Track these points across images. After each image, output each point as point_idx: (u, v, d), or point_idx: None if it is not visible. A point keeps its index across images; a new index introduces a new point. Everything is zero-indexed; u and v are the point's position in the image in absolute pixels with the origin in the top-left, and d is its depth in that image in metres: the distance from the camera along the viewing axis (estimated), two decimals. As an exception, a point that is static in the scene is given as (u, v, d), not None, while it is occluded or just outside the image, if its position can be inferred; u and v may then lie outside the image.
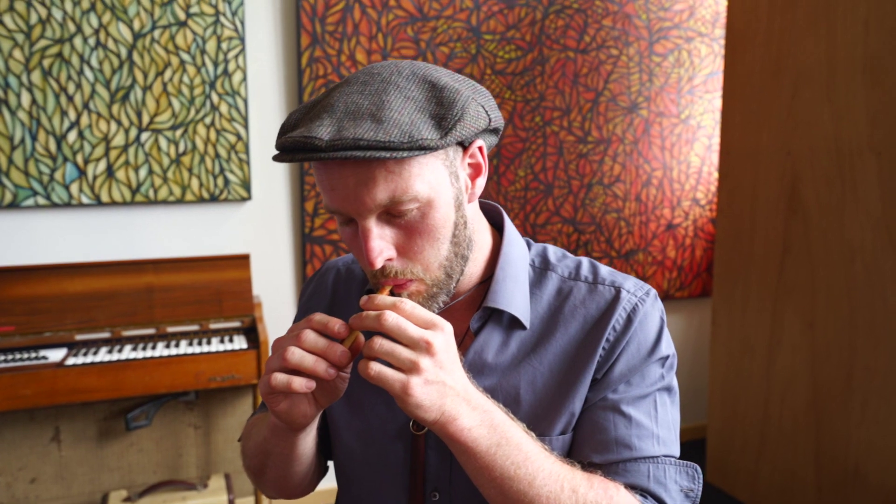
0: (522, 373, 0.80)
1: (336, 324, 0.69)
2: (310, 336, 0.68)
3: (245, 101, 2.38)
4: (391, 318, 0.65)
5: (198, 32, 2.30)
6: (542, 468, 0.70)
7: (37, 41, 2.15)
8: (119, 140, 2.27)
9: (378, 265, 0.70)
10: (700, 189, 3.11)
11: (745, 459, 2.66)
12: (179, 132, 2.32)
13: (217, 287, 2.25)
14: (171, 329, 2.17)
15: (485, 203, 0.89)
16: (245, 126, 2.38)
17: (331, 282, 0.95)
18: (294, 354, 0.67)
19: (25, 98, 2.16)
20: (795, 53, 2.35)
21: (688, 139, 3.06)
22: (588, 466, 0.76)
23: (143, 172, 2.30)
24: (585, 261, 0.87)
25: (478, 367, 0.80)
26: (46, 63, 2.17)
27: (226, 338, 2.15)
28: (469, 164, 0.76)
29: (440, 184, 0.71)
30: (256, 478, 0.87)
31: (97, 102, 2.23)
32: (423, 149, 0.65)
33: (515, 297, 0.81)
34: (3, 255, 2.19)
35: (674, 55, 2.97)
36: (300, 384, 0.67)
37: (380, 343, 0.65)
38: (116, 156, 2.27)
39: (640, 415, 0.78)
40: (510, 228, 0.86)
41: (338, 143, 0.64)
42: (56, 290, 2.11)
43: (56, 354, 2.00)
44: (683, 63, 3.00)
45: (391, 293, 0.73)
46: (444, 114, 0.68)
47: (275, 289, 2.50)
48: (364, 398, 0.85)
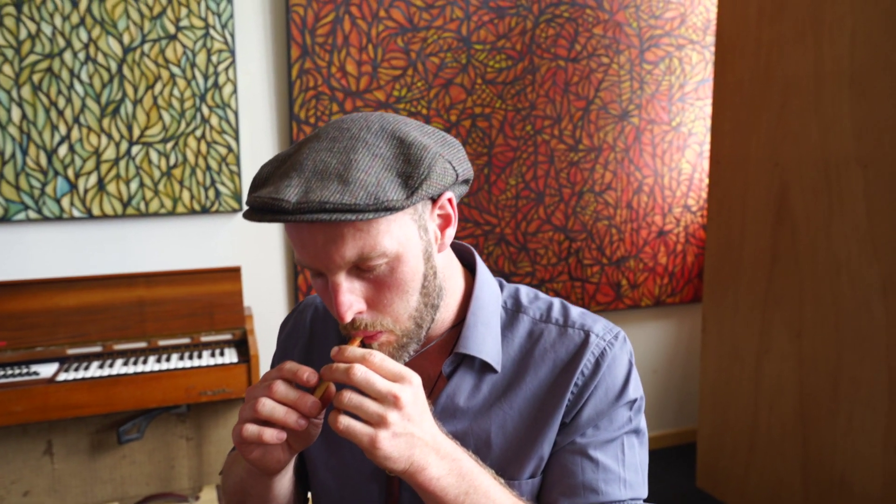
0: (493, 417, 0.81)
1: (305, 373, 0.70)
2: (281, 387, 0.70)
3: (236, 114, 2.38)
4: (360, 373, 0.66)
5: (188, 46, 2.30)
6: None
7: (26, 56, 2.16)
8: (110, 153, 2.28)
9: (348, 319, 0.72)
10: (691, 196, 3.12)
11: (735, 465, 2.68)
12: (170, 145, 2.33)
13: (208, 300, 2.27)
14: (163, 342, 2.19)
15: (457, 244, 0.90)
16: (236, 138, 2.39)
17: (309, 319, 0.96)
18: (265, 406, 0.69)
19: (16, 113, 2.17)
20: (784, 64, 2.36)
21: (679, 146, 3.07)
22: (557, 510, 0.78)
23: (135, 185, 2.31)
24: (557, 302, 0.88)
25: (450, 411, 0.82)
26: (36, 78, 2.17)
27: (217, 351, 2.17)
28: (439, 216, 0.77)
29: (408, 238, 0.72)
30: (234, 516, 0.89)
31: (87, 116, 2.24)
32: (389, 210, 0.67)
33: (487, 342, 0.82)
34: (-5, 269, 2.20)
35: (665, 63, 2.98)
36: (271, 436, 0.68)
37: (348, 397, 0.67)
38: (107, 169, 2.28)
39: (608, 459, 0.79)
40: (482, 270, 0.87)
41: (304, 206, 0.65)
42: (48, 305, 2.12)
43: (48, 370, 2.01)
44: (675, 70, 3.01)
45: (362, 343, 0.75)
46: (411, 172, 0.69)
47: (266, 300, 2.51)
48: (340, 438, 0.86)
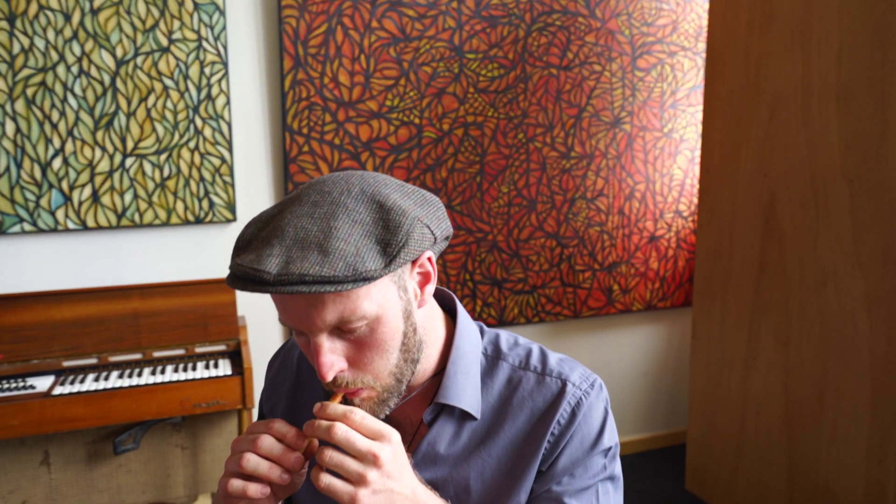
0: (472, 464, 0.84)
1: (292, 434, 0.73)
2: (265, 442, 0.72)
3: (229, 125, 2.40)
4: (340, 432, 0.69)
5: (180, 58, 2.32)
6: None
7: (20, 70, 2.17)
8: (104, 166, 2.29)
9: (329, 378, 0.74)
10: (683, 201, 3.15)
11: (722, 469, 2.72)
12: (164, 157, 2.35)
13: (202, 311, 2.29)
14: (158, 354, 2.21)
15: (437, 290, 0.92)
16: (229, 149, 2.41)
17: (295, 360, 0.99)
18: (249, 462, 0.71)
19: (10, 127, 2.18)
20: (772, 77, 2.38)
21: (671, 152, 3.09)
22: (532, 556, 0.81)
23: (129, 197, 2.33)
24: (536, 349, 0.90)
25: (431, 458, 0.84)
26: (30, 92, 2.19)
27: (211, 362, 2.19)
28: (419, 273, 0.79)
29: (388, 300, 0.75)
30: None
31: (81, 129, 2.25)
32: (367, 280, 0.69)
33: (466, 391, 0.85)
34: (-9, 281, 2.23)
35: (657, 70, 2.99)
36: (255, 490, 0.71)
37: (329, 455, 0.69)
38: (101, 181, 2.30)
39: (582, 507, 0.82)
40: (463, 318, 0.89)
41: (285, 279, 0.67)
42: (43, 318, 2.14)
43: (43, 383, 2.04)
44: (666, 77, 3.02)
45: (344, 399, 0.77)
46: (390, 239, 0.71)
47: (260, 310, 2.54)
48: None
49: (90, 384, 2.02)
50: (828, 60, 2.17)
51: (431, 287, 0.81)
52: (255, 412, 2.45)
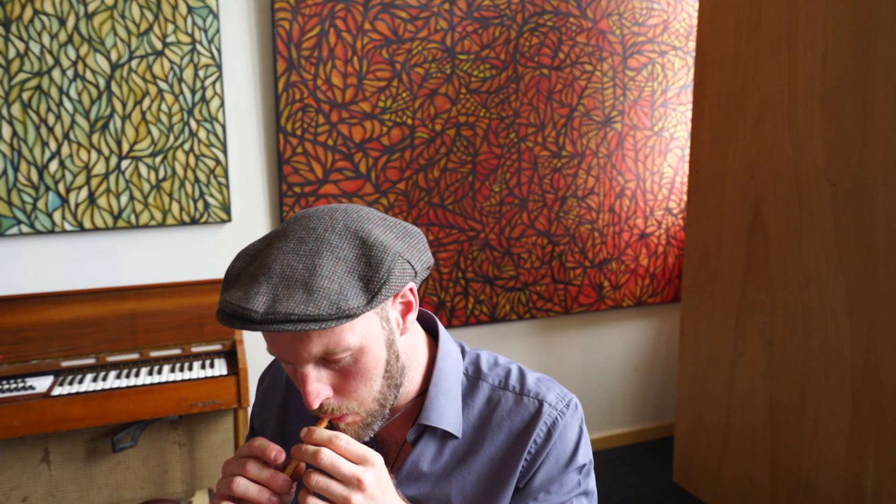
0: (454, 481, 0.89)
1: (273, 452, 0.77)
2: (254, 466, 0.77)
3: (223, 127, 2.43)
4: (326, 457, 0.74)
5: (175, 61, 2.34)
6: None
7: (16, 75, 2.19)
8: (100, 168, 2.32)
9: (315, 406, 0.78)
10: (673, 199, 3.19)
11: (709, 463, 2.79)
12: (159, 159, 2.38)
13: (198, 311, 2.33)
14: (155, 354, 2.26)
15: (420, 312, 0.96)
16: (224, 151, 2.44)
17: (285, 377, 1.03)
18: (239, 486, 0.76)
19: (6, 130, 2.21)
20: (759, 80, 2.41)
21: (661, 150, 3.13)
22: (509, 568, 0.86)
23: (125, 199, 2.36)
24: (515, 369, 0.95)
25: (414, 476, 0.89)
26: (26, 96, 2.21)
27: (207, 362, 2.24)
28: (401, 303, 0.83)
29: (371, 331, 0.79)
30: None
31: (77, 132, 2.28)
32: (350, 317, 0.73)
33: (447, 412, 0.89)
34: (-10, 283, 2.26)
35: (647, 69, 3.02)
36: None
37: (316, 479, 0.74)
38: (97, 183, 2.33)
39: (558, 521, 0.87)
40: (444, 340, 0.93)
41: (271, 318, 0.71)
42: (42, 319, 2.18)
43: (43, 383, 2.08)
44: (657, 76, 3.05)
45: (330, 424, 0.82)
46: (372, 276, 0.75)
47: (255, 307, 2.58)
48: None
49: (88, 384, 2.07)
50: (813, 66, 2.21)
51: (413, 315, 0.85)
52: (249, 419, 2.50)
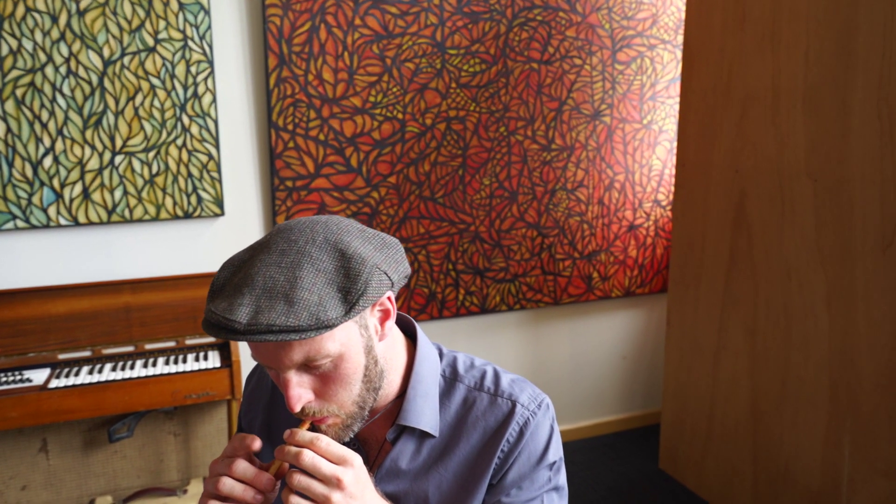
0: (431, 478, 0.94)
1: (255, 442, 0.82)
2: (240, 466, 0.81)
3: (215, 122, 2.46)
4: (307, 458, 0.78)
5: (167, 57, 2.37)
6: None
7: (9, 71, 2.22)
8: (93, 164, 2.35)
9: (297, 409, 0.83)
10: (661, 191, 3.23)
11: (693, 451, 2.85)
12: (152, 154, 2.41)
13: (192, 304, 2.38)
14: (150, 346, 2.31)
15: (399, 316, 1.01)
16: (216, 146, 2.47)
17: (270, 378, 1.07)
18: (225, 485, 0.80)
19: (0, 127, 2.24)
20: (744, 76, 2.45)
21: (650, 143, 3.16)
22: (483, 560, 0.91)
23: (119, 193, 2.40)
24: (490, 370, 0.99)
25: (394, 473, 0.94)
26: (19, 92, 2.24)
27: (201, 354, 2.29)
28: (379, 310, 0.88)
29: (350, 339, 0.83)
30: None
31: (71, 128, 2.31)
32: (329, 327, 0.77)
33: (425, 413, 0.94)
34: (-13, 277, 2.30)
35: (636, 63, 3.05)
36: None
37: (298, 479, 0.78)
38: (91, 179, 2.36)
39: (529, 516, 0.92)
40: (422, 343, 0.98)
41: (253, 328, 0.76)
42: (38, 313, 2.23)
43: (40, 376, 2.13)
44: (646, 70, 3.08)
45: (312, 426, 0.86)
46: (350, 287, 0.79)
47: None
48: None
49: (85, 377, 2.11)
50: (796, 62, 2.24)
51: (391, 322, 0.89)
52: (236, 419, 2.55)
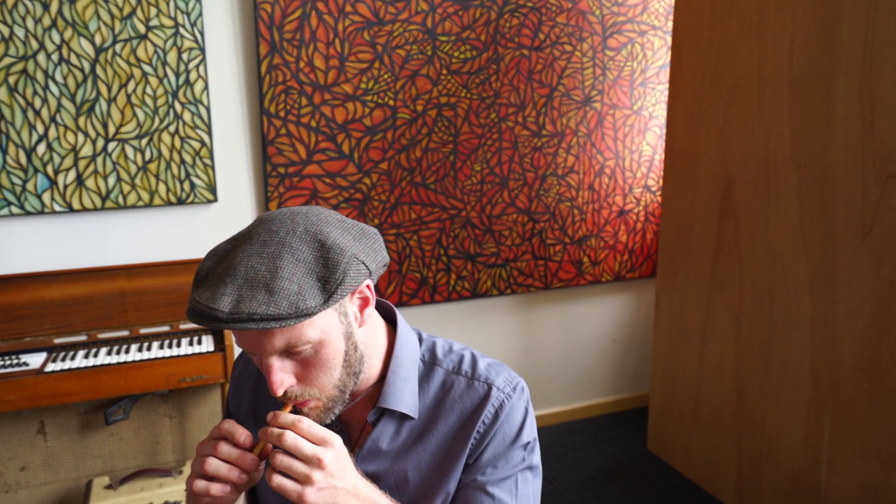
0: (410, 458, 0.98)
1: (241, 435, 0.86)
2: (224, 447, 0.85)
3: (208, 109, 2.48)
4: (289, 439, 0.82)
5: (158, 45, 2.38)
6: None
7: (1, 59, 2.23)
8: (87, 150, 2.38)
9: (279, 394, 0.87)
10: (652, 176, 3.26)
11: (680, 433, 2.91)
12: (145, 141, 2.43)
13: (186, 289, 2.41)
14: (144, 331, 2.34)
15: (379, 303, 1.04)
16: (208, 133, 2.49)
17: (255, 367, 1.11)
18: (211, 465, 0.84)
19: (-6, 114, 2.26)
20: (732, 62, 2.47)
21: (640, 129, 3.19)
22: (459, 535, 0.95)
23: (112, 180, 2.42)
24: (468, 355, 1.03)
25: (374, 453, 0.98)
26: (12, 80, 2.26)
27: (195, 338, 2.33)
28: (359, 299, 0.91)
29: (330, 325, 0.87)
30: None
31: (63, 115, 2.33)
32: (308, 315, 0.81)
33: (404, 396, 0.98)
34: (-17, 263, 2.33)
35: (627, 49, 3.07)
36: (217, 489, 0.84)
37: (280, 459, 0.82)
38: (85, 165, 2.38)
39: (503, 494, 0.96)
40: (402, 329, 1.02)
41: (235, 317, 0.79)
42: (34, 298, 2.26)
43: (36, 360, 2.17)
44: (637, 56, 3.10)
45: (294, 409, 0.90)
46: (328, 277, 0.83)
47: (242, 285, 2.66)
48: None
49: (80, 361, 2.15)
50: (781, 50, 2.26)
51: (370, 309, 0.93)
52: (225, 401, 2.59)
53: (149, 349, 2.24)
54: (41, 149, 2.33)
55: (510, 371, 1.03)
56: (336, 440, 0.85)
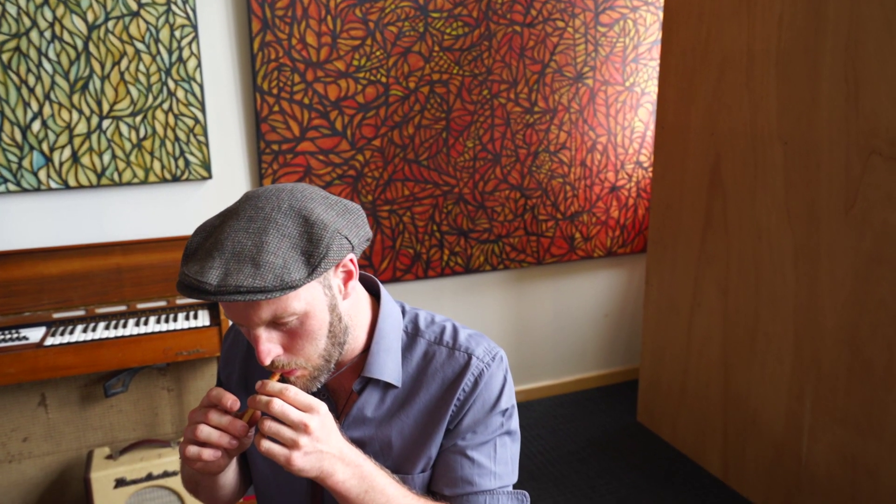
0: (394, 424, 1.02)
1: (228, 400, 0.90)
2: (215, 415, 0.90)
3: (201, 87, 2.50)
4: (277, 406, 0.86)
5: (150, 22, 2.39)
6: None
7: (-5, 37, 2.25)
8: (81, 128, 2.40)
9: (267, 363, 0.91)
10: (644, 152, 3.28)
11: (669, 404, 2.97)
12: (139, 118, 2.46)
13: (182, 265, 2.45)
14: (141, 306, 2.39)
15: (364, 277, 1.08)
16: (202, 110, 2.51)
17: (245, 339, 1.15)
18: (202, 432, 0.89)
19: (-12, 92, 2.28)
20: (721, 39, 2.48)
21: (632, 105, 3.20)
22: (441, 498, 1.00)
23: (107, 157, 2.45)
24: (449, 326, 1.07)
25: (360, 420, 1.03)
26: (5, 57, 2.27)
27: (191, 313, 2.37)
28: (342, 272, 0.95)
29: (314, 298, 0.91)
30: (192, 495, 1.12)
31: (58, 93, 2.35)
32: (292, 288, 0.85)
33: (388, 365, 1.02)
34: (-19, 239, 2.37)
35: (619, 25, 3.07)
36: (209, 454, 0.89)
37: (268, 425, 0.87)
38: (80, 143, 2.41)
39: (482, 457, 1.01)
40: (385, 301, 1.05)
41: (223, 289, 0.83)
42: (32, 273, 2.30)
43: (36, 334, 2.21)
44: (629, 32, 3.10)
45: (281, 377, 0.95)
46: (312, 251, 0.86)
47: (237, 261, 2.69)
48: None
49: (79, 335, 2.20)
50: (770, 26, 2.28)
51: (354, 282, 0.96)
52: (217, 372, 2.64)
53: (146, 324, 2.29)
54: (36, 126, 2.35)
55: (490, 341, 1.07)
56: (322, 407, 0.89)
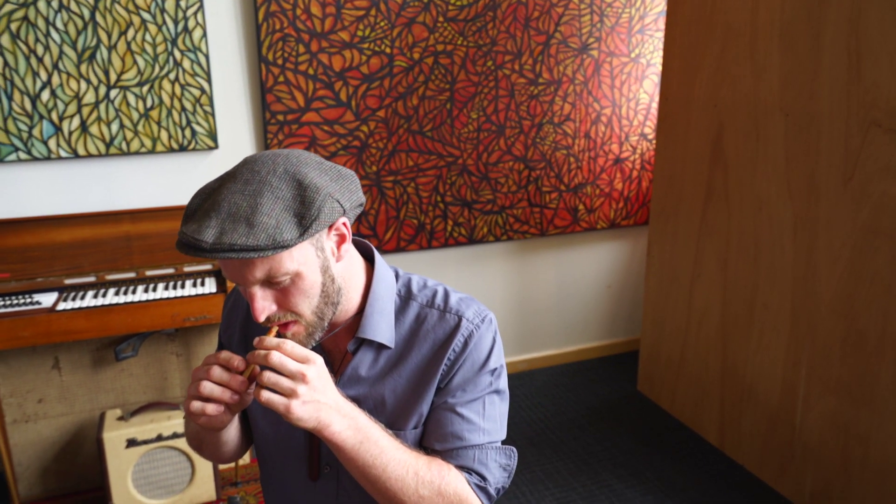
0: (387, 383, 1.07)
1: (235, 360, 0.94)
2: (216, 371, 0.94)
3: (207, 57, 2.52)
4: (275, 357, 0.91)
5: (156, -8, 2.41)
6: (394, 458, 0.98)
7: (2, 6, 2.27)
8: (90, 97, 2.44)
9: (262, 320, 0.95)
10: (648, 124, 3.29)
11: (668, 374, 3.01)
12: (146, 88, 2.49)
13: (189, 233, 2.50)
14: (150, 273, 2.44)
15: (359, 242, 1.12)
16: (208, 80, 2.54)
17: (245, 303, 1.19)
18: (205, 387, 0.93)
19: (-2, 61, 2.31)
20: (725, 9, 2.48)
21: (637, 77, 3.20)
22: (432, 452, 1.05)
23: (115, 127, 2.49)
24: (441, 290, 1.11)
25: (354, 379, 1.07)
26: (14, 27, 2.30)
27: (198, 280, 2.42)
28: (336, 235, 0.99)
29: (307, 258, 0.95)
30: (197, 452, 1.17)
31: (66, 62, 2.38)
32: (285, 247, 0.89)
33: (381, 327, 1.06)
34: (-7, 207, 2.42)
35: (625, -5, 3.06)
36: (212, 409, 0.94)
37: (267, 376, 0.91)
38: (88, 112, 2.45)
39: (472, 414, 1.05)
40: (379, 265, 1.09)
41: (218, 247, 0.87)
42: (44, 240, 2.36)
43: (48, 299, 2.27)
44: (635, 2, 3.09)
45: (278, 333, 0.99)
46: (304, 213, 0.90)
47: (244, 229, 2.74)
48: None
49: (90, 300, 2.26)
50: (774, -3, 2.27)
51: (347, 245, 1.00)
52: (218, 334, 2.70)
53: (154, 290, 2.34)
54: (45, 95, 2.39)
55: (480, 304, 1.11)
56: (318, 359, 0.93)
